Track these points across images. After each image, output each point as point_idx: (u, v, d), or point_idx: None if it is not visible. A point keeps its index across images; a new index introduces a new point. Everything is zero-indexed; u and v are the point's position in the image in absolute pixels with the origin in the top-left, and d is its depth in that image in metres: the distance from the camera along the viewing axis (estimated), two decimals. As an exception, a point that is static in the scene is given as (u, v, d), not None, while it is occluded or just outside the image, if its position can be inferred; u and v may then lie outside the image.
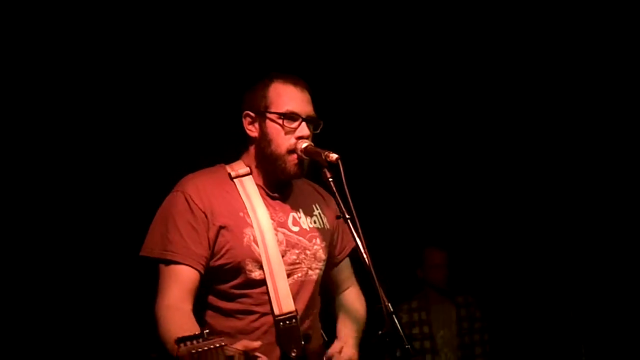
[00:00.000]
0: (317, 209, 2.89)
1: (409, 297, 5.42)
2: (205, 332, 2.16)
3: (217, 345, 2.15)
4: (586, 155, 5.44)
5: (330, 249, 2.89)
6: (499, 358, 5.32)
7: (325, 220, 2.89)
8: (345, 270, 2.99)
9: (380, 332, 2.35)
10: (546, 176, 5.60)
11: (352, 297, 3.00)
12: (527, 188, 5.68)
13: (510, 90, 5.49)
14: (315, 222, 2.84)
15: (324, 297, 2.91)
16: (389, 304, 2.34)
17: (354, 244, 2.81)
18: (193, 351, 2.11)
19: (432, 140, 5.72)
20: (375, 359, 2.73)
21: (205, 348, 2.13)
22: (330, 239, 2.88)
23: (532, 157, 5.62)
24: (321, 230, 2.84)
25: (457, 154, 5.77)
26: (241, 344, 2.33)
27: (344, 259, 2.96)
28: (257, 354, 2.36)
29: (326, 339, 2.90)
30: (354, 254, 2.84)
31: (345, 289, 3.00)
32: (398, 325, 2.31)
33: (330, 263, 2.91)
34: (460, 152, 5.77)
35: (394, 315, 2.32)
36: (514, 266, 5.67)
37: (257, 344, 2.36)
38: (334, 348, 2.74)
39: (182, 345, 2.12)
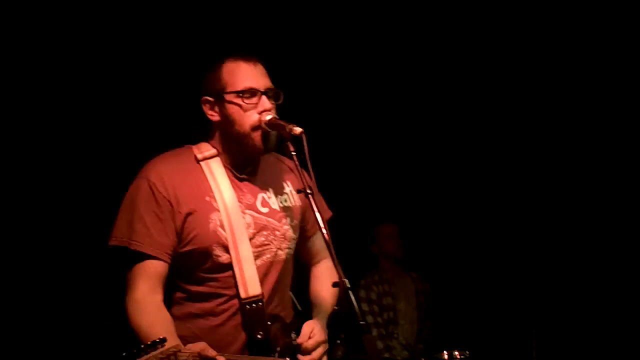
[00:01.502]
0: (288, 186, 2.86)
1: (363, 275, 5.50)
2: (161, 338, 2.20)
3: (170, 352, 2.19)
4: (545, 134, 5.51)
5: (303, 224, 2.88)
6: (464, 334, 5.37)
7: (295, 197, 2.85)
8: (319, 244, 2.93)
9: (335, 307, 2.35)
10: (496, 152, 5.68)
11: (324, 271, 2.96)
12: (475, 165, 5.76)
13: (471, 65, 5.51)
14: (285, 201, 2.82)
15: (298, 267, 2.91)
16: (346, 280, 2.33)
17: (328, 215, 2.89)
18: None
19: (389, 122, 5.75)
20: (331, 334, 2.75)
21: (159, 358, 2.16)
22: (302, 215, 2.86)
23: (482, 129, 5.69)
24: (291, 209, 2.81)
25: (409, 132, 5.81)
26: (198, 347, 2.35)
27: (315, 232, 2.92)
28: (214, 355, 2.37)
29: (300, 308, 2.91)
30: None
31: (320, 260, 2.99)
32: (354, 301, 2.29)
33: (303, 237, 2.90)
34: (413, 130, 5.81)
35: (349, 291, 2.30)
36: (466, 245, 5.77)
37: (213, 352, 2.39)
38: (303, 334, 2.71)
39: (136, 358, 2.14)
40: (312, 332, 2.70)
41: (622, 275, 5.24)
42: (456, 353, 4.33)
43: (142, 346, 2.16)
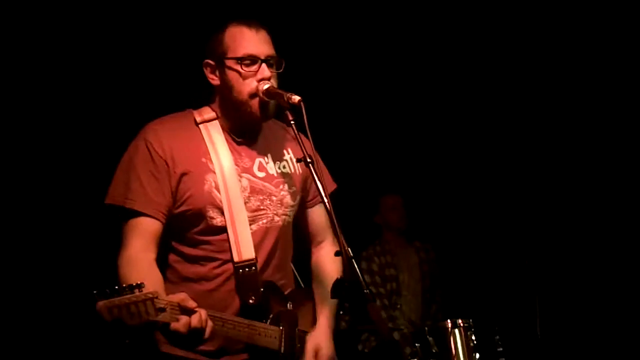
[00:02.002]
0: (289, 153, 2.84)
1: (366, 245, 5.49)
2: (139, 283, 2.14)
3: (145, 297, 2.12)
4: (551, 109, 5.51)
5: (303, 194, 2.86)
6: (454, 302, 5.41)
7: (296, 165, 2.84)
8: (318, 219, 2.93)
9: (338, 277, 2.33)
10: (507, 127, 5.66)
11: (327, 255, 2.93)
12: (487, 137, 5.74)
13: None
14: (284, 167, 2.81)
15: (299, 246, 2.90)
16: (349, 249, 2.31)
17: (332, 187, 2.88)
18: (111, 305, 2.08)
19: (386, 97, 5.73)
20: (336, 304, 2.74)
21: (128, 301, 2.09)
22: (302, 183, 2.85)
23: (490, 108, 5.67)
24: (290, 176, 2.81)
25: (415, 103, 5.79)
26: (178, 297, 2.30)
27: (317, 204, 2.91)
28: (194, 307, 2.31)
29: (302, 285, 2.91)
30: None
31: (320, 242, 2.96)
32: (357, 270, 2.28)
33: (303, 207, 2.88)
34: (419, 101, 5.79)
35: (353, 260, 2.29)
36: (468, 213, 5.76)
37: (193, 304, 2.32)
38: (308, 351, 2.71)
39: (100, 300, 2.07)
40: (318, 351, 2.72)
41: (626, 244, 5.24)
42: (460, 321, 4.32)
43: (117, 287, 2.10)
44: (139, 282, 2.14)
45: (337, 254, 2.34)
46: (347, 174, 5.42)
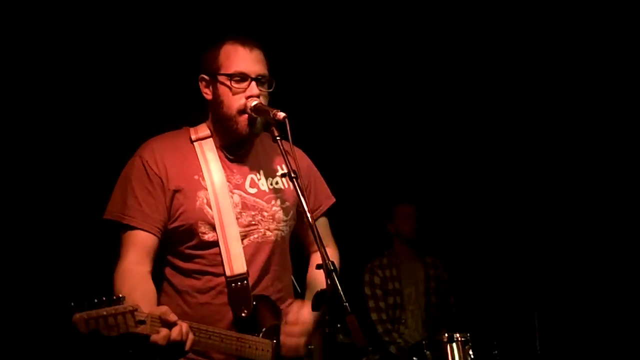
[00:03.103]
0: (282, 169, 2.87)
1: (380, 253, 5.49)
2: (119, 297, 2.17)
3: (125, 310, 2.15)
4: (553, 128, 5.51)
5: (300, 209, 2.86)
6: (464, 316, 5.39)
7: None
8: (321, 230, 2.88)
9: (320, 290, 2.36)
10: (514, 143, 5.68)
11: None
12: (495, 154, 5.75)
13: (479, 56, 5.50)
14: (277, 183, 2.86)
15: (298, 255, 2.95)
16: (330, 262, 2.35)
17: (330, 202, 2.94)
18: (87, 317, 2.10)
19: (402, 102, 5.76)
20: (330, 318, 2.77)
21: (106, 314, 2.10)
22: (296, 198, 2.86)
23: (503, 124, 5.68)
24: (283, 191, 2.86)
25: (428, 113, 5.81)
26: (159, 310, 2.34)
27: (317, 217, 2.95)
28: (174, 320, 2.33)
29: (299, 290, 2.95)
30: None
31: (315, 252, 3.00)
32: (337, 283, 2.31)
33: (301, 221, 2.91)
34: (431, 112, 5.81)
35: (333, 273, 2.32)
36: (479, 230, 5.76)
37: (174, 317, 2.34)
38: (291, 314, 2.75)
39: (76, 313, 2.09)
40: (300, 316, 2.73)
41: (625, 258, 5.22)
42: (457, 335, 4.33)
43: (96, 300, 2.13)
44: (120, 295, 2.18)
45: (318, 266, 2.38)
46: (363, 182, 5.56)
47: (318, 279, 2.87)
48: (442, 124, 5.82)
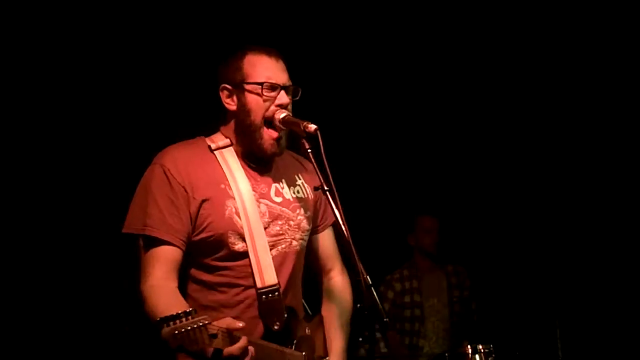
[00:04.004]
0: (300, 179, 2.87)
1: (400, 265, 5.44)
2: (191, 309, 2.16)
3: (201, 324, 2.15)
4: (573, 137, 5.51)
5: (313, 220, 2.87)
6: (487, 327, 5.34)
7: (308, 189, 2.86)
8: (328, 244, 2.96)
9: (358, 305, 2.33)
10: (538, 151, 5.65)
11: (338, 284, 2.96)
12: (517, 162, 5.72)
13: (497, 62, 5.50)
14: (298, 192, 2.83)
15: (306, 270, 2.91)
16: (367, 277, 2.32)
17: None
18: (176, 332, 2.12)
19: (426, 111, 5.74)
20: (355, 331, 2.74)
21: (189, 328, 2.12)
22: (313, 208, 2.87)
23: (526, 132, 5.66)
24: (304, 200, 2.83)
25: (451, 123, 5.80)
26: (225, 322, 2.31)
27: (325, 229, 2.94)
28: (240, 333, 2.33)
29: (310, 312, 2.91)
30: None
31: (330, 270, 2.98)
32: (376, 298, 2.29)
33: (312, 232, 2.89)
34: (454, 122, 5.79)
35: (372, 288, 2.29)
36: (502, 237, 5.72)
37: (241, 324, 2.34)
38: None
39: (165, 325, 2.12)
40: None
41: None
42: (480, 346, 4.28)
43: (174, 313, 2.13)
44: (191, 309, 2.18)
45: (356, 281, 2.34)
46: (383, 191, 5.54)
47: (337, 295, 2.92)
48: (463, 133, 5.82)
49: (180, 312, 2.14)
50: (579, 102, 5.43)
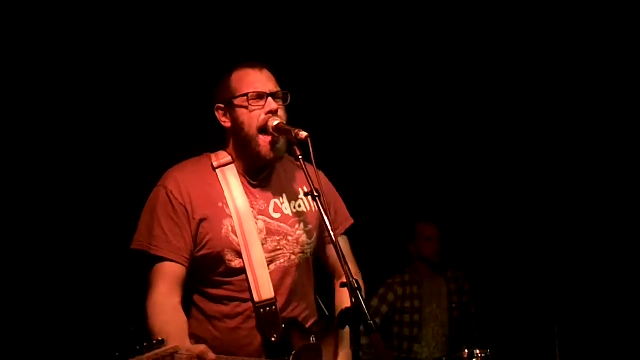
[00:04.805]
0: (304, 191, 2.90)
1: (401, 271, 5.46)
2: (160, 339, 2.28)
3: (168, 352, 2.25)
4: (573, 139, 5.52)
5: (320, 230, 2.93)
6: (484, 332, 5.37)
7: (312, 202, 2.91)
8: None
9: (344, 307, 2.38)
10: (537, 156, 5.66)
11: (345, 294, 2.99)
12: (516, 168, 5.74)
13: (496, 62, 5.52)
14: (299, 207, 2.90)
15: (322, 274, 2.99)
16: (354, 280, 2.37)
17: (349, 223, 2.99)
18: None
19: (426, 119, 5.77)
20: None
21: (154, 357, 2.21)
22: (318, 220, 2.91)
23: (525, 138, 5.68)
24: (306, 214, 2.90)
25: (449, 130, 5.82)
26: (198, 349, 2.44)
27: (337, 237, 2.94)
28: (214, 358, 2.45)
29: (327, 313, 3.00)
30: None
31: (341, 277, 2.92)
32: (362, 301, 2.33)
33: (322, 243, 2.96)
34: (453, 129, 5.82)
35: (357, 292, 2.34)
36: (500, 242, 5.73)
37: (212, 356, 2.45)
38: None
39: (129, 358, 2.20)
40: None
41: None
42: (477, 351, 4.31)
43: (138, 347, 2.23)
44: (160, 339, 2.28)
45: (342, 285, 2.41)
46: (383, 199, 5.55)
47: (345, 301, 2.93)
48: (462, 139, 5.84)
49: (145, 344, 2.25)
50: (577, 110, 5.45)
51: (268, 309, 2.70)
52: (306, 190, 2.84)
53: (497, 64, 5.50)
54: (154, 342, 2.25)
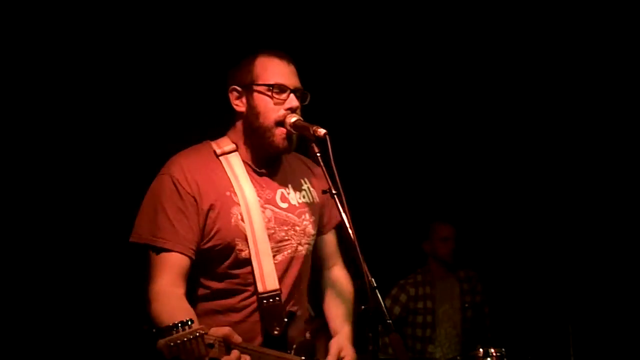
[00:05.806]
0: (306, 183, 2.90)
1: (413, 270, 5.43)
2: (188, 319, 2.22)
3: (197, 334, 2.21)
4: (589, 141, 5.49)
5: (319, 222, 2.92)
6: (497, 331, 5.34)
7: (314, 193, 2.90)
8: (331, 244, 2.99)
9: (362, 307, 2.37)
10: (553, 157, 5.63)
11: (341, 276, 3.00)
12: (530, 166, 5.71)
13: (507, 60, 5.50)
14: (304, 197, 2.86)
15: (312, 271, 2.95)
16: (372, 279, 2.36)
17: (337, 220, 2.87)
18: (171, 344, 2.18)
19: (441, 118, 5.75)
20: (358, 333, 2.78)
21: (185, 339, 2.18)
22: (319, 212, 2.90)
23: (541, 140, 5.65)
24: (310, 205, 2.86)
25: (465, 129, 5.79)
26: (221, 331, 2.37)
27: (330, 230, 2.98)
28: (239, 342, 2.41)
29: (312, 314, 2.94)
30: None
31: (332, 266, 3.02)
32: (380, 300, 2.32)
33: (317, 234, 2.92)
34: (468, 128, 5.79)
35: (376, 290, 2.33)
36: (514, 242, 5.69)
37: (238, 339, 2.41)
38: (332, 354, 2.75)
39: (160, 338, 2.18)
40: (342, 351, 2.76)
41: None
42: (492, 350, 4.29)
43: (171, 324, 2.19)
44: (188, 319, 2.23)
45: (360, 284, 2.38)
46: (398, 197, 5.54)
47: (340, 283, 2.97)
48: (477, 140, 5.81)
49: (177, 322, 2.20)
50: (596, 112, 5.41)
51: (272, 300, 2.64)
52: (311, 185, 2.88)
53: (519, 66, 5.46)
54: (184, 321, 2.20)
